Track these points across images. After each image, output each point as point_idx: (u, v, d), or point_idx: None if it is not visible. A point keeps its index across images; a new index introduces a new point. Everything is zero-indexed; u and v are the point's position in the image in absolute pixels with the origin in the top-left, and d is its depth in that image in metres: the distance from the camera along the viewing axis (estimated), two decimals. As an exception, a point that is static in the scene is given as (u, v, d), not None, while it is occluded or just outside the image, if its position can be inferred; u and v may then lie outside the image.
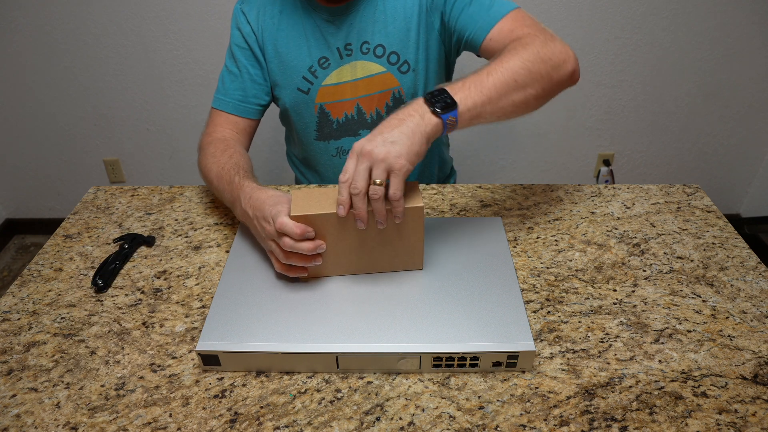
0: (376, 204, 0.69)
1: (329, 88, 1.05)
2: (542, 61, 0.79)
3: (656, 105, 1.99)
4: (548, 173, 2.17)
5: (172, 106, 2.00)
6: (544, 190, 1.06)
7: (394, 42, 1.01)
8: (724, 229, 0.96)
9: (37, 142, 2.09)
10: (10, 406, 0.68)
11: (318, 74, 1.04)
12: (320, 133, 1.11)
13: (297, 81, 1.05)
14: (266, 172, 2.11)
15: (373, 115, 1.07)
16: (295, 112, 1.09)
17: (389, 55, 1.02)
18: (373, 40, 1.01)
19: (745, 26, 1.82)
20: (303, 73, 1.04)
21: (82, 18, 1.82)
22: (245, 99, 1.06)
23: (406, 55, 1.02)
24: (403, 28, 1.00)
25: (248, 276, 0.80)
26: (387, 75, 1.03)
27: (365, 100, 1.06)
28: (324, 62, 1.03)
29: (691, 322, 0.78)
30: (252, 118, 1.07)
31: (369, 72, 1.03)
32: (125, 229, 0.99)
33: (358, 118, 1.08)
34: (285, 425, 0.65)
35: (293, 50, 1.03)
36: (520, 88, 0.76)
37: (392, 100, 1.06)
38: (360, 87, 1.04)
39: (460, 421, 0.65)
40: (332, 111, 1.07)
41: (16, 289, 0.86)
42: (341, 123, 1.09)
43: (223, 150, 0.97)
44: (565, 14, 1.80)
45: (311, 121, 1.10)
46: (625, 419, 0.65)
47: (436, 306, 0.74)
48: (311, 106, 1.07)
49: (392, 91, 1.05)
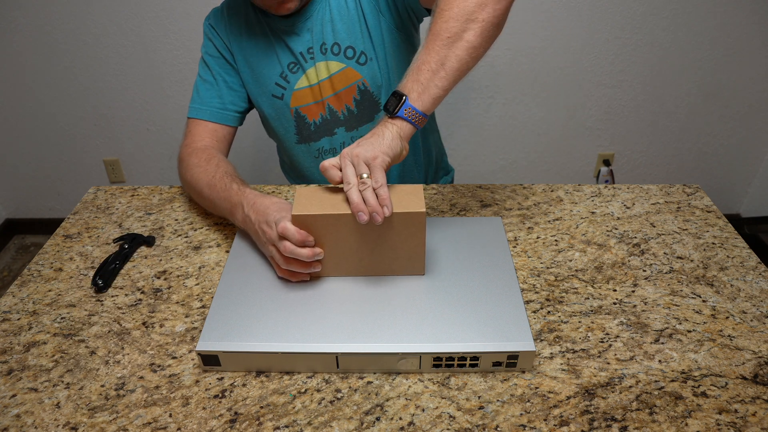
0: (366, 194, 0.71)
1: (301, 92, 1.07)
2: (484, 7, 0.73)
3: (656, 105, 1.99)
4: (548, 173, 2.17)
5: (172, 106, 2.00)
6: (544, 190, 1.06)
7: (346, 37, 1.02)
8: (724, 229, 0.96)
9: (37, 142, 2.09)
10: (10, 406, 0.68)
11: (290, 79, 1.06)
12: (300, 136, 1.12)
13: (270, 88, 1.07)
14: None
15: (344, 111, 1.08)
16: (273, 118, 1.11)
17: (345, 50, 1.03)
18: (329, 39, 1.02)
19: (745, 26, 1.82)
20: (275, 80, 1.06)
21: (82, 18, 1.82)
22: (223, 106, 1.06)
23: (361, 46, 1.03)
24: (353, 22, 1.02)
25: (248, 276, 0.80)
26: (348, 70, 1.04)
27: (333, 99, 1.07)
28: (293, 67, 1.05)
29: (691, 322, 0.78)
30: (231, 125, 1.08)
31: (331, 71, 1.04)
32: (125, 229, 0.99)
33: (331, 117, 1.09)
34: (285, 425, 0.65)
35: (263, 59, 1.05)
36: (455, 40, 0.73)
37: (359, 93, 1.07)
38: (326, 87, 1.05)
39: (460, 421, 0.65)
40: (308, 114, 1.09)
41: (16, 289, 0.86)
42: (318, 125, 1.10)
43: (208, 160, 0.98)
44: (565, 14, 1.80)
45: (290, 125, 1.11)
46: (625, 419, 0.65)
47: (436, 306, 0.74)
48: (287, 111, 1.09)
49: (356, 84, 1.05)
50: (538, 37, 1.85)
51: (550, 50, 1.87)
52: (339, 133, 1.10)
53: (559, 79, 1.94)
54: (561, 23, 1.82)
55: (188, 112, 1.08)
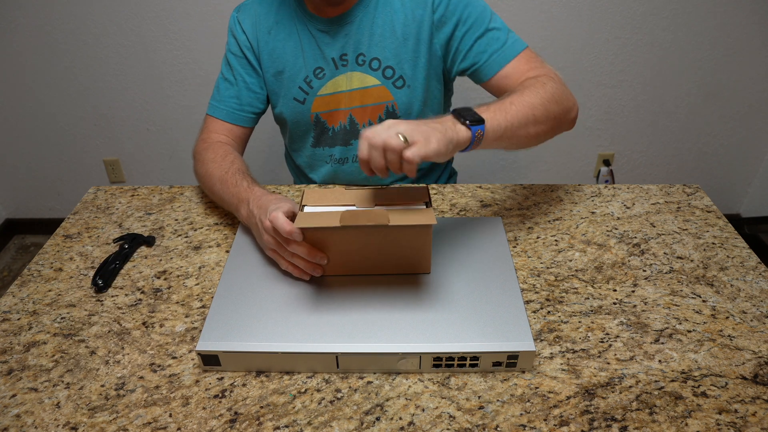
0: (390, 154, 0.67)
1: (324, 98, 1.05)
2: (556, 103, 0.87)
3: (656, 105, 1.99)
4: (548, 173, 2.17)
5: (172, 106, 2.00)
6: (544, 190, 1.06)
7: (390, 56, 1.01)
8: (724, 229, 0.96)
9: (37, 142, 2.09)
10: (10, 406, 0.68)
11: (313, 84, 1.04)
12: (316, 141, 1.12)
13: (293, 91, 1.05)
14: (265, 172, 2.11)
15: (365, 126, 1.07)
16: (292, 121, 1.10)
17: (384, 69, 1.02)
18: (370, 52, 1.01)
19: (745, 26, 1.82)
20: (299, 83, 1.05)
21: (82, 18, 1.82)
22: (240, 107, 1.06)
23: (402, 70, 1.02)
24: (400, 43, 1.00)
25: (248, 276, 0.80)
26: (381, 88, 1.03)
27: (358, 111, 1.06)
28: (319, 72, 1.03)
29: (691, 322, 0.78)
30: (246, 126, 1.08)
31: (364, 84, 1.03)
32: (125, 229, 0.99)
33: (350, 128, 1.08)
34: (285, 425, 0.65)
35: (289, 61, 1.04)
36: (537, 122, 0.83)
37: (385, 113, 1.06)
38: (354, 98, 1.05)
39: (460, 421, 0.65)
40: (328, 120, 1.08)
41: (16, 289, 0.86)
42: (336, 131, 1.09)
43: (224, 155, 0.98)
44: (565, 14, 1.80)
45: (308, 129, 1.10)
46: (625, 419, 0.65)
47: (436, 306, 0.74)
48: (307, 115, 1.08)
49: (386, 104, 1.05)
50: (538, 37, 1.85)
51: (550, 50, 1.87)
52: (354, 145, 1.10)
53: (559, 79, 1.94)
54: (561, 23, 1.82)
55: (207, 108, 1.08)
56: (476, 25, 0.97)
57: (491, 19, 0.98)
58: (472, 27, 0.98)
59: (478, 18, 0.97)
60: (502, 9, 1.78)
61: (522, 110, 0.82)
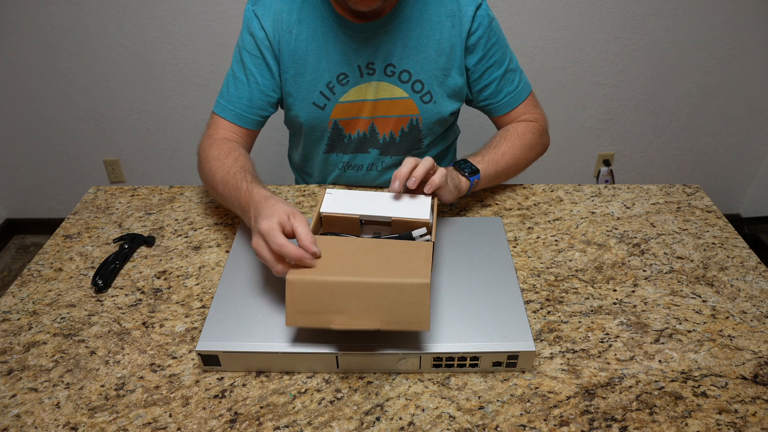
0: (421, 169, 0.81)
1: (346, 105, 1.02)
2: (534, 150, 1.06)
3: (656, 105, 1.99)
4: (548, 173, 2.17)
5: (172, 106, 2.00)
6: (544, 190, 1.06)
7: (421, 70, 0.99)
8: (724, 229, 0.96)
9: (37, 142, 2.09)
10: (10, 406, 0.68)
11: (336, 90, 1.00)
12: (330, 147, 1.09)
13: (313, 96, 1.01)
14: (266, 171, 2.11)
15: (386, 136, 1.06)
16: (308, 126, 1.05)
17: (414, 83, 1.00)
18: (400, 64, 0.99)
19: (745, 26, 1.82)
20: (320, 89, 1.00)
21: (82, 18, 1.82)
22: (249, 110, 1.00)
23: (431, 86, 1.01)
24: (433, 59, 0.99)
25: (248, 276, 0.80)
26: (409, 101, 1.02)
27: (381, 121, 1.04)
28: (343, 78, 0.99)
29: (691, 322, 0.78)
30: (254, 129, 1.03)
31: (391, 95, 1.01)
32: (125, 229, 0.99)
33: (371, 136, 1.06)
34: (285, 425, 0.65)
35: (311, 64, 0.98)
36: (518, 168, 1.03)
37: (408, 126, 1.05)
38: (379, 108, 1.02)
39: (460, 421, 0.65)
40: (346, 127, 1.05)
41: (16, 289, 0.86)
42: (353, 139, 1.06)
43: (228, 153, 0.93)
44: (565, 14, 1.80)
45: (323, 136, 1.07)
46: (625, 419, 0.65)
47: (437, 306, 0.74)
48: (325, 122, 1.04)
49: (411, 118, 1.04)
50: (538, 37, 1.85)
51: (550, 50, 1.87)
52: (372, 153, 1.08)
53: (559, 79, 1.94)
54: (561, 23, 1.82)
55: (214, 105, 1.02)
56: (498, 64, 1.03)
57: (510, 59, 1.05)
58: (494, 65, 1.02)
59: (501, 57, 1.03)
60: (502, 9, 1.78)
61: (510, 161, 1.00)
